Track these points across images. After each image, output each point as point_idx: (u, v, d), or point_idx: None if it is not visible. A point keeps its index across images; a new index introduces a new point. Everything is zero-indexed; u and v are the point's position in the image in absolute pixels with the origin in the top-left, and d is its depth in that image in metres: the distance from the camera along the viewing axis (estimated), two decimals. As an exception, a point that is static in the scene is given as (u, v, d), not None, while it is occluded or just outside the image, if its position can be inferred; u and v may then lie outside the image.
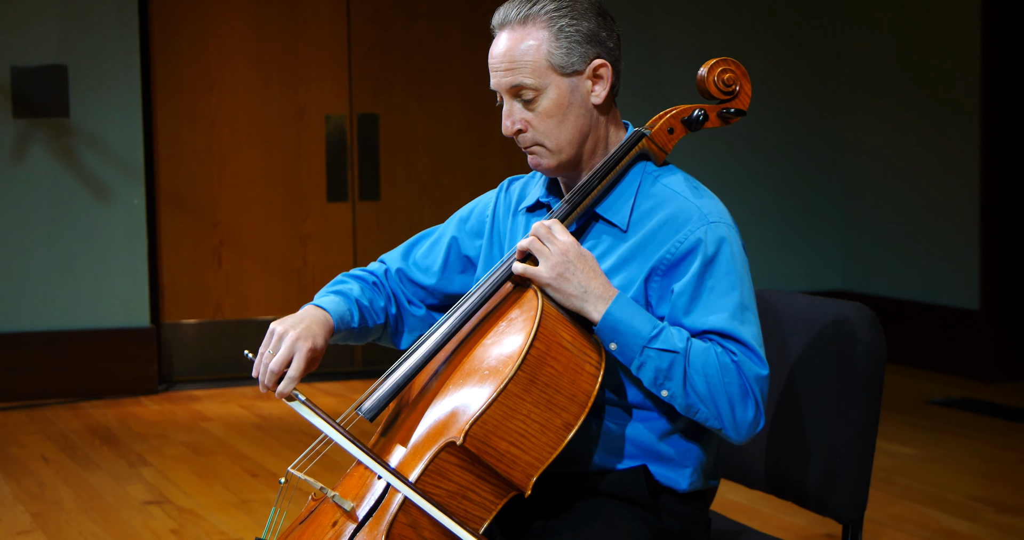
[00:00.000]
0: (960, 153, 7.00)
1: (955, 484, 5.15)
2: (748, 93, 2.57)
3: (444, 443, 2.29)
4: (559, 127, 2.48)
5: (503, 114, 2.51)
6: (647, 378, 2.38)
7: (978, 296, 6.92)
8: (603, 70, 2.49)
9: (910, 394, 6.60)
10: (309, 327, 2.52)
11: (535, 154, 2.52)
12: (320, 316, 2.57)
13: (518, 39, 2.47)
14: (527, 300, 2.41)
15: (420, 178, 7.29)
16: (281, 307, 7.11)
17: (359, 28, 7.14)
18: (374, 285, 2.73)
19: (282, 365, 2.47)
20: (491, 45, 2.52)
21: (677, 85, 7.32)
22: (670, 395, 2.37)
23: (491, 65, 2.50)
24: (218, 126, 7.00)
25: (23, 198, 6.60)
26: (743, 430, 2.38)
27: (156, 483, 5.19)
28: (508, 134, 2.51)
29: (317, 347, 2.51)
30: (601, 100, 2.50)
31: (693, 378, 2.36)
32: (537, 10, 2.46)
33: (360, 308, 2.65)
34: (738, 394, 2.37)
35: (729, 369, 2.37)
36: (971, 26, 6.89)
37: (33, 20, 6.57)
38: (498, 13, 2.51)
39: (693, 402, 2.37)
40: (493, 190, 2.76)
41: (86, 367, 6.68)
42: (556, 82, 2.47)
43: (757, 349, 2.40)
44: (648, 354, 2.37)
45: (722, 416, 2.37)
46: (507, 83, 2.48)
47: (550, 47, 2.46)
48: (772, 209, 7.72)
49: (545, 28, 2.46)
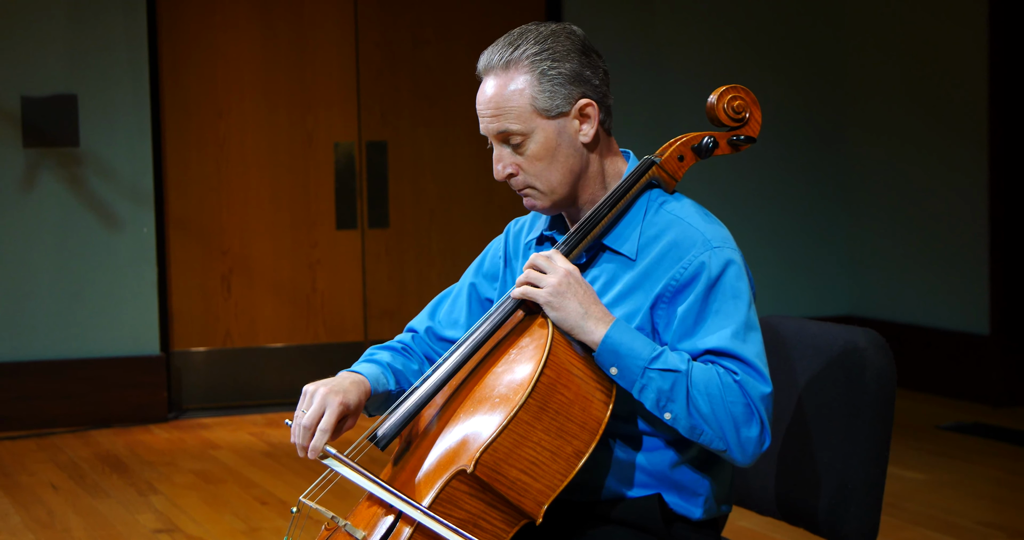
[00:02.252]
0: (968, 177, 7.00)
1: (965, 509, 5.13)
2: (758, 120, 2.58)
3: (455, 471, 2.29)
4: (549, 169, 2.50)
5: (493, 159, 2.54)
6: (649, 401, 2.37)
7: (987, 321, 6.92)
8: (589, 109, 2.50)
9: (920, 419, 6.59)
10: (341, 383, 2.51)
11: (529, 196, 2.55)
12: (354, 376, 2.56)
13: (502, 85, 2.48)
14: (537, 328, 2.41)
15: (429, 205, 7.30)
16: (290, 334, 7.11)
17: (367, 54, 7.16)
18: (404, 351, 2.74)
19: (314, 419, 2.45)
20: (478, 91, 2.53)
21: (685, 111, 7.34)
22: (673, 418, 2.36)
23: (478, 111, 2.53)
24: (227, 153, 7.02)
25: (33, 227, 6.62)
26: (748, 449, 2.37)
27: (166, 511, 5.19)
28: (500, 178, 2.54)
29: (350, 402, 2.49)
30: (589, 138, 2.51)
31: (696, 398, 2.35)
32: (519, 55, 2.48)
33: (394, 372, 2.65)
34: (742, 413, 2.36)
35: (732, 388, 2.37)
36: (978, 48, 6.90)
37: (43, 50, 6.60)
38: (482, 58, 2.53)
39: (697, 423, 2.35)
40: (499, 236, 2.78)
41: (95, 395, 6.69)
42: (542, 126, 2.48)
43: (760, 367, 2.40)
44: (650, 375, 2.36)
45: (727, 436, 2.36)
46: (494, 129, 2.50)
47: (533, 91, 2.47)
48: (779, 234, 7.72)
49: (527, 72, 2.47)
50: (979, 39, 6.90)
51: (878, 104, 7.58)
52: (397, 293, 7.27)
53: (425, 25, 7.23)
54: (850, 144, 7.77)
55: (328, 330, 7.17)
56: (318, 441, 2.44)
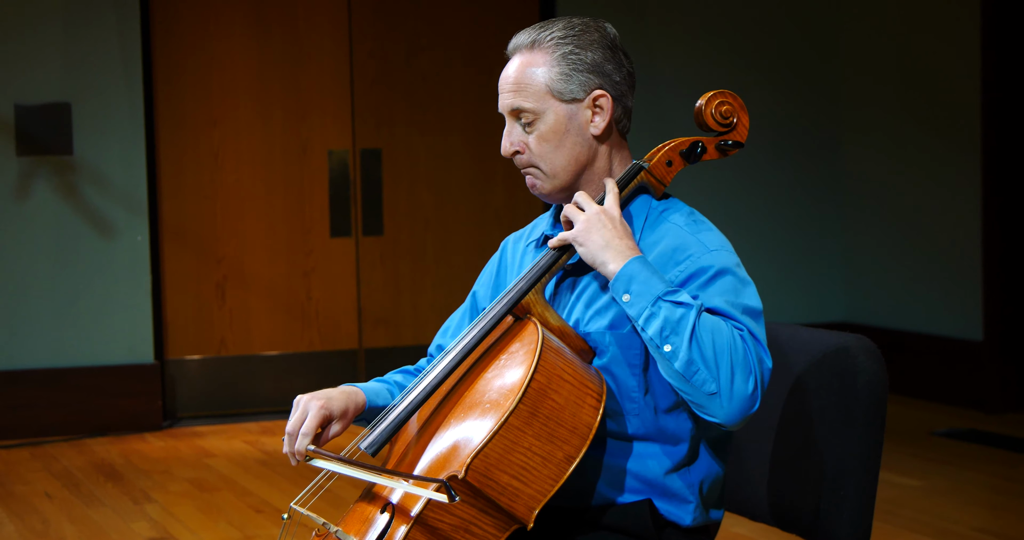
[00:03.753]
0: (961, 184, 7.01)
1: (960, 515, 5.14)
2: (746, 125, 2.59)
3: (446, 476, 2.29)
4: (555, 152, 2.52)
5: (503, 134, 2.57)
6: (653, 329, 2.35)
7: (981, 327, 6.92)
8: (603, 100, 2.52)
9: (914, 426, 6.60)
10: (327, 393, 2.56)
11: (531, 175, 2.57)
12: (347, 388, 2.60)
13: (525, 64, 2.53)
14: (527, 333, 2.42)
15: (423, 213, 7.31)
16: (285, 343, 7.11)
17: (361, 63, 7.17)
18: (418, 370, 2.78)
19: (296, 426, 2.50)
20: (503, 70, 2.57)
21: (676, 117, 7.34)
22: (672, 350, 2.33)
23: (499, 87, 2.56)
24: (221, 162, 7.02)
25: (26, 236, 6.62)
26: (737, 402, 2.32)
27: (161, 519, 5.19)
28: (506, 154, 2.56)
29: (332, 409, 2.52)
30: (600, 131, 2.53)
31: (701, 335, 2.33)
32: (545, 36, 2.52)
33: (400, 389, 2.68)
34: (742, 364, 2.33)
35: (737, 339, 2.35)
36: (970, 56, 6.91)
37: (37, 58, 6.60)
38: (514, 38, 2.57)
39: (695, 358, 2.32)
40: (495, 254, 2.80)
41: (90, 404, 6.69)
42: (554, 107, 2.51)
43: (763, 343, 2.40)
44: (660, 305, 2.35)
45: (720, 379, 2.32)
46: (508, 105, 2.54)
47: (551, 73, 2.51)
48: (773, 241, 7.72)
49: (549, 54, 2.51)
50: (972, 48, 6.91)
51: (872, 112, 7.59)
52: (392, 301, 7.27)
53: (419, 33, 7.24)
54: (844, 151, 7.78)
55: (323, 338, 7.17)
56: (299, 444, 2.48)
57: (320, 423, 2.50)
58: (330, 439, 2.53)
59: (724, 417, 2.33)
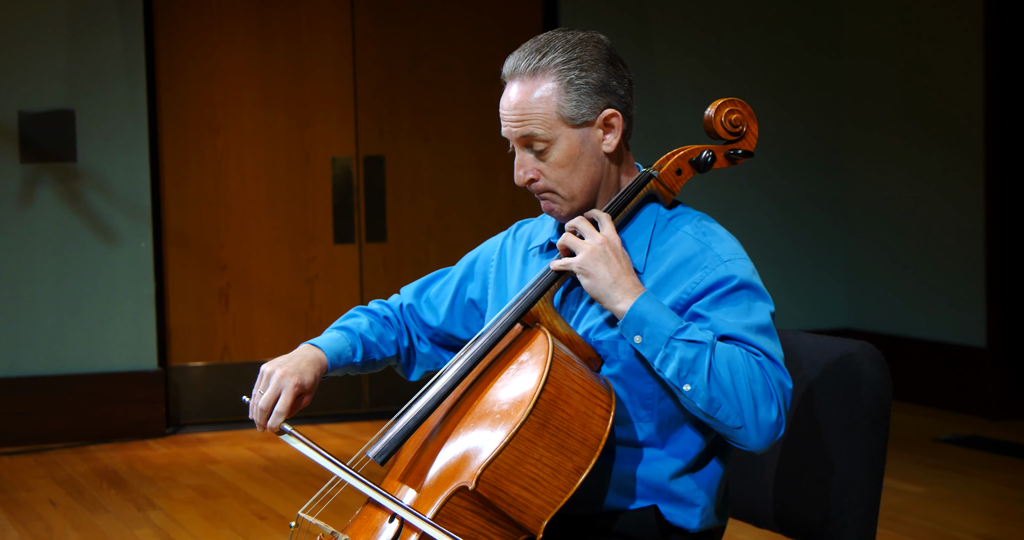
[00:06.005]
0: (965, 191, 7.01)
1: (963, 522, 5.13)
2: (755, 134, 2.57)
3: (456, 487, 2.29)
4: (571, 176, 2.50)
5: (515, 164, 2.53)
6: (670, 370, 2.35)
7: (984, 334, 6.92)
8: (614, 119, 2.50)
9: (917, 432, 6.59)
10: (298, 364, 2.58)
11: (548, 200, 2.54)
12: (312, 354, 2.62)
13: (528, 91, 2.48)
14: (537, 343, 2.41)
15: (426, 219, 7.31)
16: (288, 349, 7.03)
17: (364, 69, 7.17)
18: (386, 319, 2.78)
19: (269, 402, 2.52)
20: (502, 94, 2.53)
21: (681, 123, 7.35)
22: (692, 390, 2.34)
23: (502, 115, 2.52)
24: (224, 169, 7.03)
25: (30, 242, 6.62)
26: (764, 431, 2.34)
27: (164, 526, 5.19)
28: (520, 183, 2.53)
29: (305, 383, 2.55)
30: (612, 148, 2.51)
31: (718, 371, 2.33)
32: (547, 63, 2.48)
33: (364, 343, 2.70)
34: (762, 393, 2.34)
35: (754, 368, 2.35)
36: (973, 65, 6.91)
37: (40, 65, 6.61)
38: (508, 62, 2.52)
39: (716, 396, 2.33)
40: (502, 232, 2.78)
41: (93, 410, 6.69)
42: (566, 133, 2.48)
43: (780, 363, 2.39)
44: (674, 345, 2.35)
45: (744, 413, 2.33)
46: (518, 134, 2.50)
47: (560, 100, 2.47)
48: (777, 248, 7.72)
49: (555, 80, 2.47)
50: (975, 56, 6.91)
51: (875, 119, 7.59)
52: (395, 307, 7.25)
53: (422, 40, 7.25)
54: (847, 158, 7.78)
55: (326, 345, 7.16)
56: (274, 422, 2.52)
57: (294, 401, 2.53)
58: (299, 409, 2.56)
59: (753, 446, 2.36)
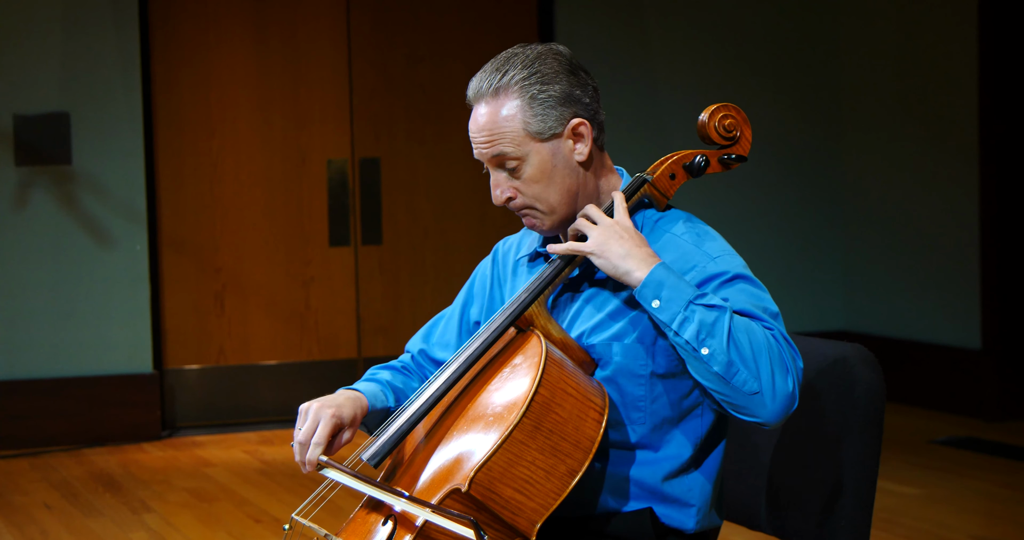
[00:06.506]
0: (960, 193, 7.02)
1: (958, 524, 5.14)
2: (748, 139, 2.59)
3: (449, 489, 2.29)
4: (547, 190, 2.51)
5: (491, 184, 2.55)
6: (689, 332, 2.34)
7: (979, 335, 6.93)
8: (582, 128, 2.51)
9: (912, 434, 6.60)
10: (335, 399, 2.54)
11: (529, 216, 2.55)
12: (350, 393, 2.59)
13: (493, 111, 2.49)
14: (531, 346, 2.42)
15: (422, 222, 7.31)
16: (284, 352, 7.11)
17: (360, 72, 7.18)
18: (404, 370, 2.78)
19: (308, 434, 2.48)
20: (469, 118, 2.55)
21: (677, 126, 7.35)
22: (710, 353, 2.32)
23: (472, 138, 2.54)
24: (220, 171, 7.03)
25: (25, 245, 6.62)
26: (780, 400, 2.32)
27: (159, 529, 5.19)
28: (498, 203, 2.55)
29: (343, 416, 2.51)
30: (584, 157, 2.52)
31: (737, 336, 2.33)
32: (507, 81, 2.49)
33: (394, 390, 2.68)
34: (779, 362, 2.34)
35: (772, 339, 2.35)
36: (969, 68, 6.92)
37: (35, 68, 6.61)
38: (471, 84, 2.54)
39: (734, 360, 2.31)
40: (487, 257, 2.79)
41: (88, 413, 6.68)
42: (536, 148, 2.49)
43: (793, 344, 2.39)
44: (693, 308, 2.34)
45: (762, 378, 2.31)
46: (489, 154, 2.51)
47: (525, 116, 2.48)
48: (773, 250, 7.73)
49: (518, 97, 2.48)
50: (970, 59, 6.92)
51: (871, 122, 7.60)
52: (391, 310, 7.27)
53: (418, 43, 7.25)
54: (843, 160, 7.79)
55: (321, 347, 7.18)
56: (312, 454, 2.46)
57: (332, 432, 2.49)
58: (342, 446, 2.52)
59: (767, 416, 2.33)
